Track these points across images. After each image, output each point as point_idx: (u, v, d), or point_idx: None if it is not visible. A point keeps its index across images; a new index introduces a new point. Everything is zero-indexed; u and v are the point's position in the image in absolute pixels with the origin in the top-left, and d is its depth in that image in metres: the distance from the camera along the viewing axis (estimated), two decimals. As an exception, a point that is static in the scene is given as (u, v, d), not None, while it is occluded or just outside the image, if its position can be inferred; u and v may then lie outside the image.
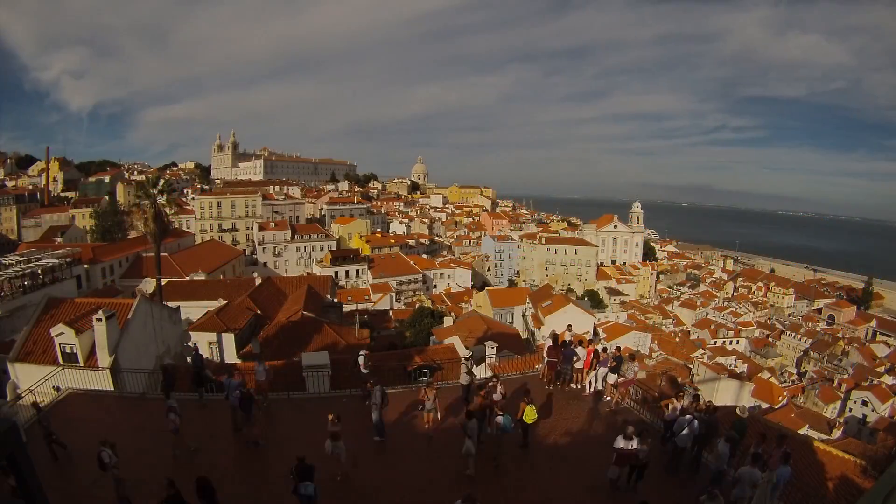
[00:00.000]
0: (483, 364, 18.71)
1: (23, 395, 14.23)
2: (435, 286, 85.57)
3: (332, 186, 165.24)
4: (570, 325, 17.58)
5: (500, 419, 10.61)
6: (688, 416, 10.90)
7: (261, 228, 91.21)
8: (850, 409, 56.65)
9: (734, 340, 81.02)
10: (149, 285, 40.26)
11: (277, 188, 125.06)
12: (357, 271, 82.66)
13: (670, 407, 11.70)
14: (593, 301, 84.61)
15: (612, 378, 13.92)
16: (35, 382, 14.85)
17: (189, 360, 22.81)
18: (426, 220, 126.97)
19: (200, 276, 47.18)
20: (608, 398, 14.21)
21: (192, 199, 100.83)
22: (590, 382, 14.62)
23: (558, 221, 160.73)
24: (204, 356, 16.44)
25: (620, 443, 9.59)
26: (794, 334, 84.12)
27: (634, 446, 9.52)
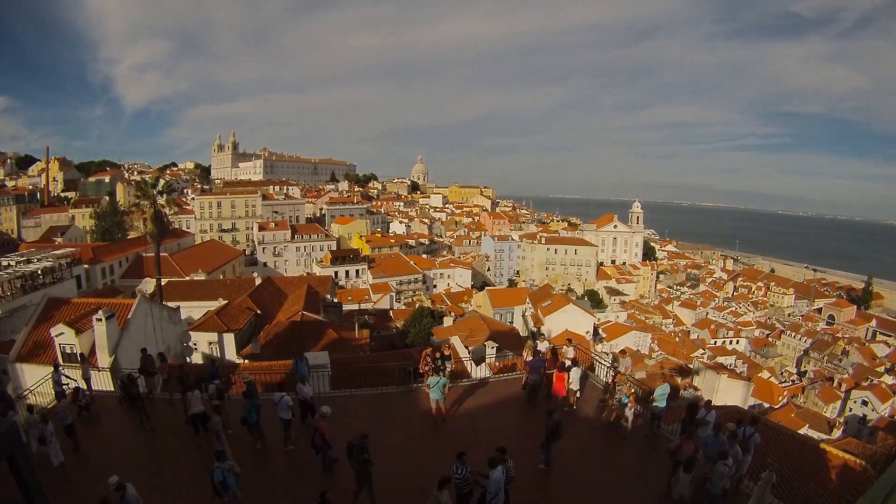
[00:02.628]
0: (483, 364, 18.71)
1: (23, 394, 14.24)
2: (435, 286, 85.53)
3: (332, 186, 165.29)
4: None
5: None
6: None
7: (261, 228, 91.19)
8: (850, 409, 56.62)
9: (734, 340, 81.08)
10: (149, 285, 40.24)
11: (277, 188, 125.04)
12: (357, 271, 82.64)
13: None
14: (593, 301, 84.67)
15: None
16: (35, 382, 14.85)
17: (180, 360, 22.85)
18: (426, 220, 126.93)
19: (200, 276, 47.14)
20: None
21: (192, 199, 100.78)
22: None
23: (558, 221, 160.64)
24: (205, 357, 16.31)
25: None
26: (794, 334, 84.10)
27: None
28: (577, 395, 13.84)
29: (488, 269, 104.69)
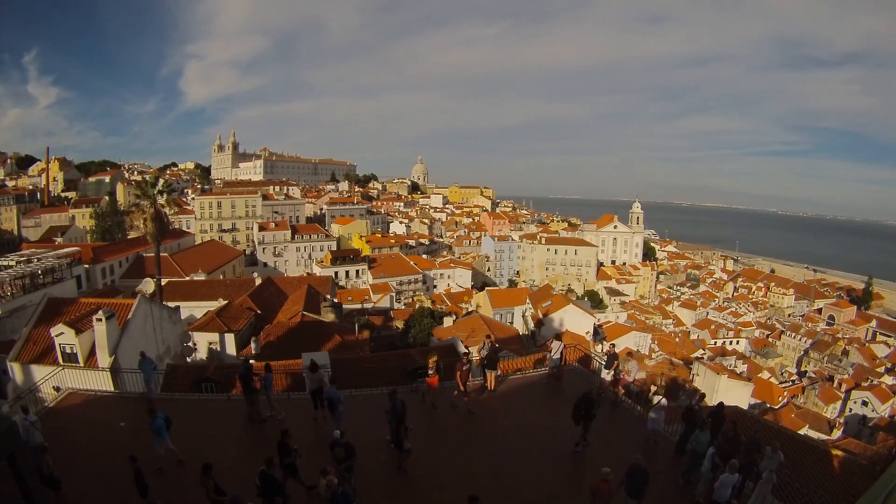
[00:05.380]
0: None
1: (23, 395, 14.24)
2: (435, 286, 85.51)
3: (332, 186, 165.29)
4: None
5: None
6: None
7: (261, 228, 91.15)
8: (850, 410, 56.57)
9: (734, 341, 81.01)
10: (149, 285, 40.21)
11: (277, 188, 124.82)
12: (357, 271, 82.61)
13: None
14: (593, 301, 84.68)
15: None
16: (35, 382, 14.85)
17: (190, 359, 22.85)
18: (426, 221, 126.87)
19: (200, 277, 47.11)
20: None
21: (192, 199, 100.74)
22: None
23: (558, 221, 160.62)
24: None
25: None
26: (794, 334, 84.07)
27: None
28: None
29: (488, 270, 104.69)
